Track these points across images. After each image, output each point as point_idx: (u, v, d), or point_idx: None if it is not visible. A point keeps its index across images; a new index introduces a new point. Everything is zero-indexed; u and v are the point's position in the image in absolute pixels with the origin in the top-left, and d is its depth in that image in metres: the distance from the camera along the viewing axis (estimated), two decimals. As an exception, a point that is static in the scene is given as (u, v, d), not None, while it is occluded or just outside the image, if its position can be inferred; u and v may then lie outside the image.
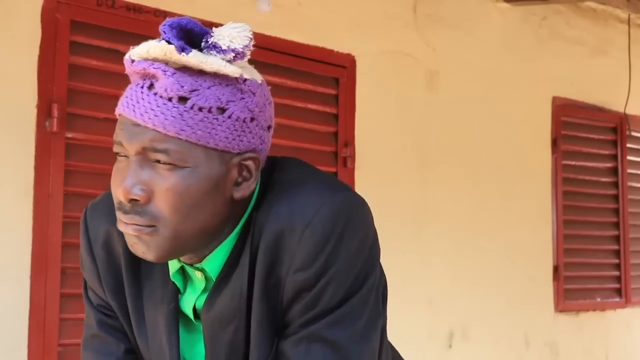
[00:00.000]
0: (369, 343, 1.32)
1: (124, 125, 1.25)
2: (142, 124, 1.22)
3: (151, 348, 1.40)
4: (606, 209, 5.31)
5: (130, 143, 1.24)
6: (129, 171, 1.24)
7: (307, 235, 1.26)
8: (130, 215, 1.25)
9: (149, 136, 1.22)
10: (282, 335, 1.32)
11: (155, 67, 1.23)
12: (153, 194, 1.24)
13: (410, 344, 4.16)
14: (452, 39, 4.46)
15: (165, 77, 1.22)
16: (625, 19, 5.41)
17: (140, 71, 1.25)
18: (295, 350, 1.29)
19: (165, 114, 1.22)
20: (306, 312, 1.29)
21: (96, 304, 1.45)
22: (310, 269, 1.27)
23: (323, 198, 1.28)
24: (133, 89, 1.25)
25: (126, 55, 1.28)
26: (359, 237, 1.31)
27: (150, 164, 1.24)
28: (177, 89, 1.22)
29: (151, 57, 1.24)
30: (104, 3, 3.14)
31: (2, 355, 2.88)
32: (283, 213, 1.28)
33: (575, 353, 5.10)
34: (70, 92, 3.04)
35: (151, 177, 1.24)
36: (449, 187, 4.39)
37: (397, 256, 4.06)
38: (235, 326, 1.33)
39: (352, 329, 1.29)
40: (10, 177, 2.93)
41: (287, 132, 3.70)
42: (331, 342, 1.28)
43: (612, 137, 5.37)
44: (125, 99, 1.25)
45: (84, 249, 1.44)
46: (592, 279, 5.21)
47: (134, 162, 1.24)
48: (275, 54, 3.65)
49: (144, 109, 1.22)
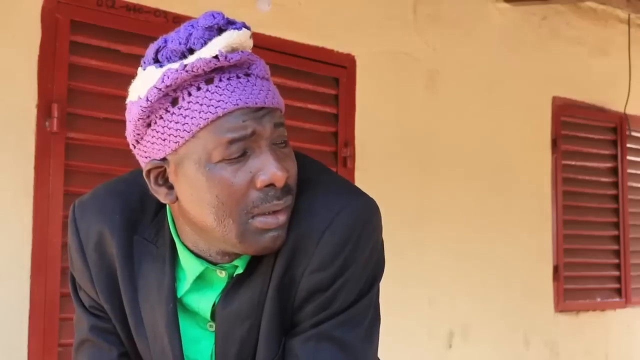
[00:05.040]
0: (372, 343, 1.36)
1: (247, 117, 1.24)
2: (268, 106, 1.27)
3: (152, 349, 1.39)
4: (606, 209, 5.31)
5: (264, 127, 1.26)
6: (269, 156, 1.26)
7: (327, 237, 1.29)
8: (285, 197, 1.27)
9: (277, 114, 1.29)
10: (290, 334, 1.33)
11: (248, 55, 1.26)
12: (288, 171, 1.29)
13: (410, 344, 4.16)
14: (452, 39, 4.46)
15: (259, 61, 1.28)
16: (625, 19, 5.41)
17: (236, 62, 1.25)
18: (304, 349, 1.31)
19: (276, 93, 1.30)
20: (318, 312, 1.31)
21: (88, 305, 1.44)
22: (327, 271, 1.29)
23: (342, 202, 1.31)
24: (235, 81, 1.25)
25: (202, 56, 1.23)
26: (372, 242, 1.34)
27: (272, 145, 1.28)
28: (266, 69, 1.29)
29: (233, 46, 1.25)
30: (104, 3, 3.14)
31: (2, 355, 2.88)
32: (304, 215, 1.30)
33: (575, 353, 5.10)
34: (70, 92, 3.04)
35: (281, 155, 1.29)
36: (448, 187, 4.39)
37: (397, 256, 4.05)
38: (250, 324, 1.33)
39: (358, 329, 1.32)
40: (10, 177, 2.92)
41: (288, 132, 3.69)
42: (339, 341, 1.30)
43: (612, 137, 5.37)
44: (233, 93, 1.24)
45: (74, 250, 1.42)
46: (592, 279, 5.21)
47: (268, 146, 1.27)
48: (275, 54, 3.65)
49: (264, 94, 1.27)
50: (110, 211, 1.38)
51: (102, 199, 1.41)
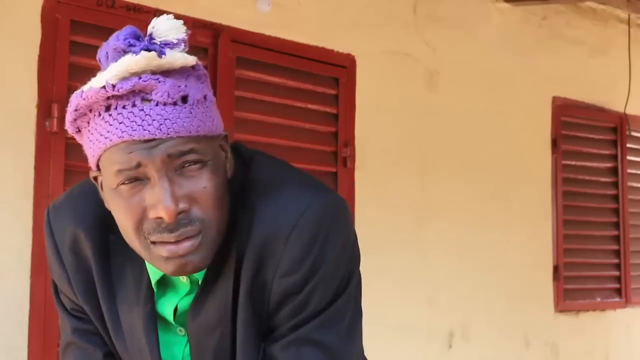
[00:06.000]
0: (354, 341, 1.33)
1: (133, 148, 1.20)
2: (159, 137, 1.20)
3: (130, 350, 1.38)
4: (606, 209, 5.31)
5: (152, 158, 1.20)
6: (159, 189, 1.21)
7: (293, 238, 1.27)
8: (179, 231, 1.22)
9: (171, 144, 1.20)
10: (269, 339, 1.32)
11: (145, 80, 1.20)
12: (193, 199, 1.23)
13: (410, 344, 4.16)
14: (452, 39, 4.46)
15: (161, 84, 1.20)
16: (625, 19, 5.41)
17: (126, 91, 1.20)
18: (285, 355, 1.29)
19: (180, 117, 1.21)
20: (294, 315, 1.29)
21: (69, 308, 1.43)
22: (297, 273, 1.27)
23: (307, 200, 1.28)
24: (125, 111, 1.21)
25: (93, 85, 1.23)
26: (342, 238, 1.32)
27: (176, 172, 1.22)
28: (177, 90, 1.22)
29: (131, 72, 1.21)
30: (104, 3, 3.14)
31: (2, 355, 2.88)
32: (268, 217, 1.28)
33: (575, 353, 5.10)
34: (70, 92, 3.00)
35: (184, 183, 1.22)
36: (448, 187, 4.39)
37: (397, 256, 4.06)
38: (221, 332, 1.32)
39: (338, 328, 1.30)
40: (10, 177, 2.92)
41: (287, 132, 3.70)
42: (320, 343, 1.29)
43: (612, 137, 5.37)
44: (122, 125, 1.20)
45: (50, 252, 1.42)
46: (592, 279, 5.20)
47: (160, 177, 1.21)
48: (275, 54, 3.65)
49: (157, 123, 1.20)
50: (83, 212, 1.38)
51: (75, 200, 1.40)
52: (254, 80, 3.58)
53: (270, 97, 3.65)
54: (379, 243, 3.88)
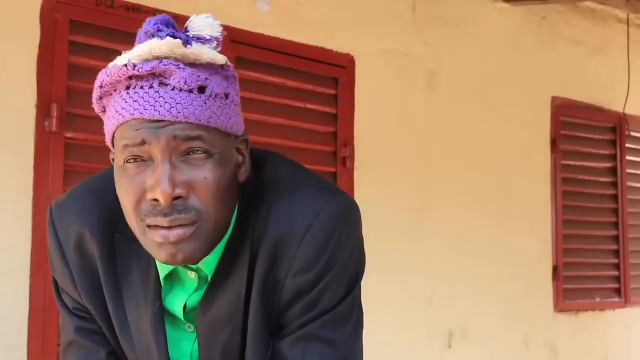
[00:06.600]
0: (359, 338, 1.37)
1: (141, 126, 1.22)
2: (168, 119, 1.22)
3: (137, 349, 1.38)
4: (605, 209, 5.31)
5: (157, 138, 1.22)
6: (160, 170, 1.22)
7: (308, 239, 1.29)
8: (173, 216, 1.22)
9: (179, 127, 1.22)
10: (278, 336, 1.34)
11: (166, 64, 1.23)
12: (192, 187, 1.23)
13: (409, 344, 4.16)
14: (451, 39, 4.46)
15: (180, 71, 1.23)
16: (624, 18, 5.41)
17: (146, 72, 1.23)
18: (292, 350, 1.32)
19: (193, 104, 1.22)
20: (304, 313, 1.32)
21: (72, 307, 1.43)
22: (310, 272, 1.30)
23: (321, 202, 1.31)
24: (142, 90, 1.23)
25: (117, 63, 1.25)
26: (353, 240, 1.35)
27: (181, 158, 1.23)
28: (195, 79, 1.23)
29: (154, 55, 1.24)
30: (103, 3, 3.14)
31: (2, 355, 2.88)
32: (283, 217, 1.30)
33: (574, 353, 5.11)
34: (69, 91, 3.04)
35: (186, 169, 1.23)
36: (448, 187, 4.39)
37: (397, 256, 4.06)
38: (231, 328, 1.34)
39: (346, 326, 1.34)
40: (10, 177, 2.92)
41: (287, 132, 3.70)
42: (327, 339, 1.32)
43: (611, 137, 5.37)
44: (136, 103, 1.23)
45: (54, 252, 1.41)
46: (591, 279, 5.21)
47: (163, 159, 1.22)
48: (274, 54, 3.66)
49: (168, 105, 1.22)
50: (88, 211, 1.38)
51: (79, 198, 1.40)
52: (253, 80, 3.59)
53: (269, 97, 3.65)
54: (379, 243, 3.87)
